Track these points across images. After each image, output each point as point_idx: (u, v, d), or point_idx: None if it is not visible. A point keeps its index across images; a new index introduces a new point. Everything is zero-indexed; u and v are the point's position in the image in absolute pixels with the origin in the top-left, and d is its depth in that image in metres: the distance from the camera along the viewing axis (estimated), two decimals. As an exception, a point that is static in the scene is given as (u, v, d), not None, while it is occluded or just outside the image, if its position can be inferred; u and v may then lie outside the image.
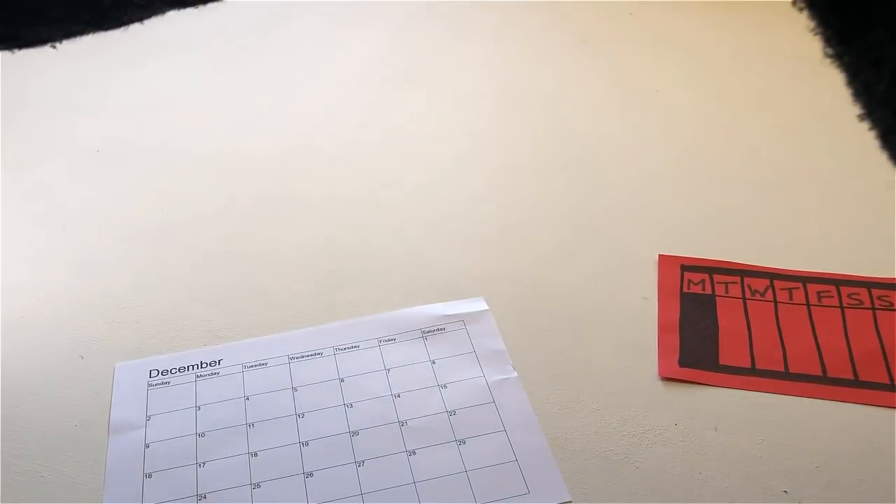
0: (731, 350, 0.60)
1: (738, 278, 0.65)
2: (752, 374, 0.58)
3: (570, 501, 0.50)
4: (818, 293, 0.64)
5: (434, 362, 0.59)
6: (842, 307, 0.63)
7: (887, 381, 0.57)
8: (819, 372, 0.58)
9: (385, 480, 0.51)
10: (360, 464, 0.52)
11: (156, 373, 0.59)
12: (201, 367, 0.59)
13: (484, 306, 0.63)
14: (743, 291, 0.64)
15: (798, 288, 0.64)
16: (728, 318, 0.62)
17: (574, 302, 0.64)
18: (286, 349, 0.60)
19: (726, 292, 0.64)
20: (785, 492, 0.51)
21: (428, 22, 1.07)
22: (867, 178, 0.76)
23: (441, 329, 0.61)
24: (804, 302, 0.63)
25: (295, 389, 0.57)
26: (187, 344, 0.61)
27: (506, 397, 0.56)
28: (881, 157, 0.83)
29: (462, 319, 0.62)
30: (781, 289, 0.64)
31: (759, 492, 0.51)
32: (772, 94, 0.90)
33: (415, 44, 1.02)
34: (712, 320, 0.62)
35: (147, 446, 0.53)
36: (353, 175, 0.79)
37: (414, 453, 0.53)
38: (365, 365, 0.59)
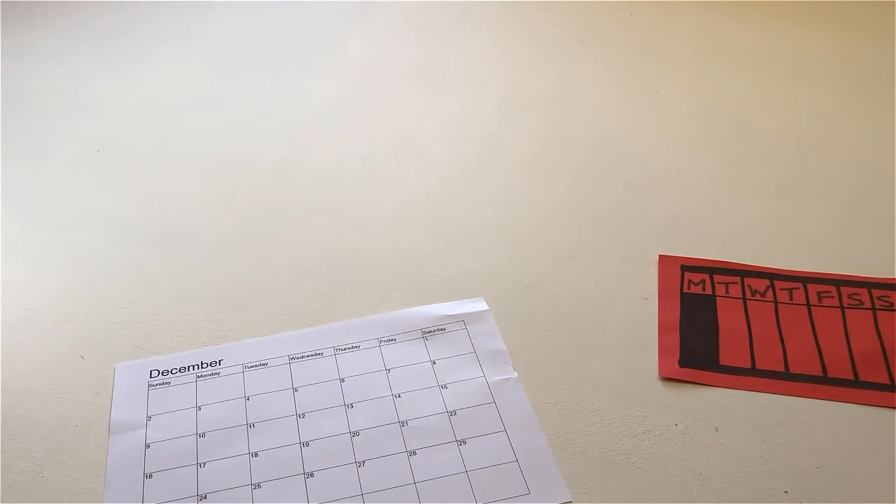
0: (732, 350, 0.60)
1: (738, 279, 0.65)
2: (753, 375, 0.58)
3: (571, 501, 0.50)
4: (818, 293, 0.64)
5: (434, 362, 0.59)
6: (842, 307, 0.63)
7: (887, 381, 0.57)
8: (819, 372, 0.58)
9: (385, 480, 0.51)
10: (360, 464, 0.52)
11: (156, 373, 0.59)
12: (202, 368, 0.59)
13: (484, 306, 0.63)
14: (743, 292, 0.64)
15: (798, 288, 0.64)
16: (728, 318, 0.62)
17: (574, 302, 0.64)
18: (286, 349, 0.60)
19: (727, 292, 0.64)
20: (785, 492, 0.51)
21: (428, 22, 1.07)
22: (867, 178, 0.76)
23: (441, 329, 0.61)
24: (804, 302, 0.63)
25: (295, 390, 0.57)
26: (187, 344, 0.61)
27: (506, 397, 0.56)
28: (881, 157, 0.83)
29: (462, 319, 0.62)
30: (781, 289, 0.64)
31: (759, 492, 0.51)
32: (771, 94, 0.90)
33: (415, 44, 1.02)
34: (712, 320, 0.62)
35: (147, 446, 0.53)
36: (352, 175, 0.79)
37: (414, 453, 0.53)
38: (365, 365, 0.59)
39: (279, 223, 0.74)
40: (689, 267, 0.67)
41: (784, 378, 0.58)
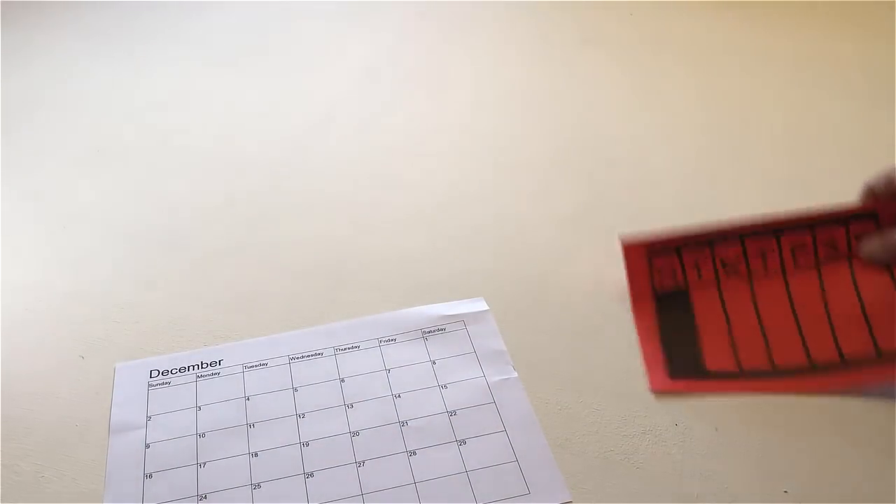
0: (716, 352, 0.58)
1: (707, 251, 0.61)
2: (741, 378, 0.57)
3: (571, 502, 0.50)
4: (792, 249, 0.60)
5: (434, 362, 0.59)
6: (818, 264, 0.59)
7: (873, 352, 0.55)
8: (805, 361, 0.56)
9: (385, 481, 0.51)
10: (360, 464, 0.52)
11: (156, 373, 0.59)
12: (202, 368, 0.59)
13: (484, 306, 0.63)
14: (715, 270, 0.61)
15: (772, 250, 0.60)
16: (705, 312, 0.60)
17: (574, 301, 0.64)
18: (286, 349, 0.60)
19: (699, 277, 0.61)
20: (785, 492, 0.51)
21: (428, 22, 1.07)
22: (867, 177, 0.76)
23: (441, 329, 0.61)
24: (779, 268, 0.60)
25: (295, 390, 0.57)
26: (187, 344, 0.61)
27: (506, 397, 0.56)
28: (881, 157, 0.82)
29: (462, 319, 0.62)
30: (754, 255, 0.60)
31: (759, 492, 0.51)
32: (771, 94, 0.90)
33: (415, 43, 1.03)
34: (690, 320, 0.60)
35: (147, 446, 0.53)
36: (352, 175, 0.79)
37: (414, 453, 0.53)
38: (365, 365, 0.59)
39: (279, 223, 0.74)
40: (656, 249, 0.62)
41: (772, 376, 0.56)
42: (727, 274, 0.61)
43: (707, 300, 0.61)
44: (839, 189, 0.75)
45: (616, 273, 0.67)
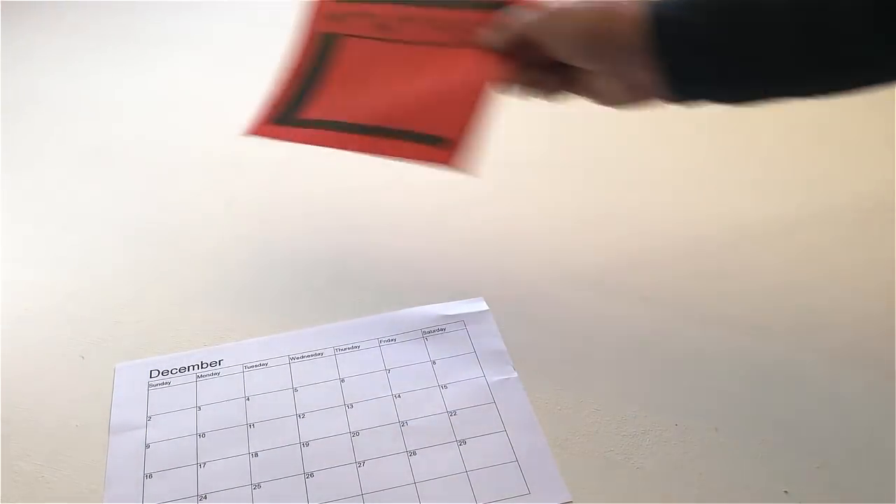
0: (324, 102, 0.58)
1: (374, 8, 0.61)
2: (320, 128, 0.56)
3: (571, 502, 0.50)
4: (430, 21, 0.60)
5: (434, 362, 0.59)
6: (442, 42, 0.59)
7: (434, 135, 0.55)
8: (379, 123, 0.56)
9: (385, 481, 0.51)
10: (360, 464, 0.52)
11: (156, 373, 0.59)
12: (202, 368, 0.59)
13: (484, 306, 0.63)
14: (371, 26, 0.61)
15: (415, 19, 0.60)
16: (343, 62, 0.60)
17: (574, 301, 0.64)
18: (286, 349, 0.60)
19: (357, 29, 0.61)
20: (785, 492, 0.51)
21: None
22: (868, 176, 0.76)
23: (441, 329, 0.61)
24: (412, 39, 0.60)
25: (295, 390, 0.57)
26: (187, 344, 0.61)
27: (506, 397, 0.56)
28: (882, 157, 0.81)
29: (462, 320, 0.62)
30: (400, 19, 0.60)
31: (759, 492, 0.51)
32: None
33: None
34: (327, 66, 0.60)
35: (147, 446, 0.53)
36: (353, 175, 0.79)
37: (414, 453, 0.53)
38: (365, 365, 0.59)
39: (279, 223, 0.74)
40: None
41: (347, 130, 0.56)
42: (377, 31, 0.61)
43: (351, 51, 0.61)
44: (838, 190, 0.75)
45: (616, 272, 0.67)
